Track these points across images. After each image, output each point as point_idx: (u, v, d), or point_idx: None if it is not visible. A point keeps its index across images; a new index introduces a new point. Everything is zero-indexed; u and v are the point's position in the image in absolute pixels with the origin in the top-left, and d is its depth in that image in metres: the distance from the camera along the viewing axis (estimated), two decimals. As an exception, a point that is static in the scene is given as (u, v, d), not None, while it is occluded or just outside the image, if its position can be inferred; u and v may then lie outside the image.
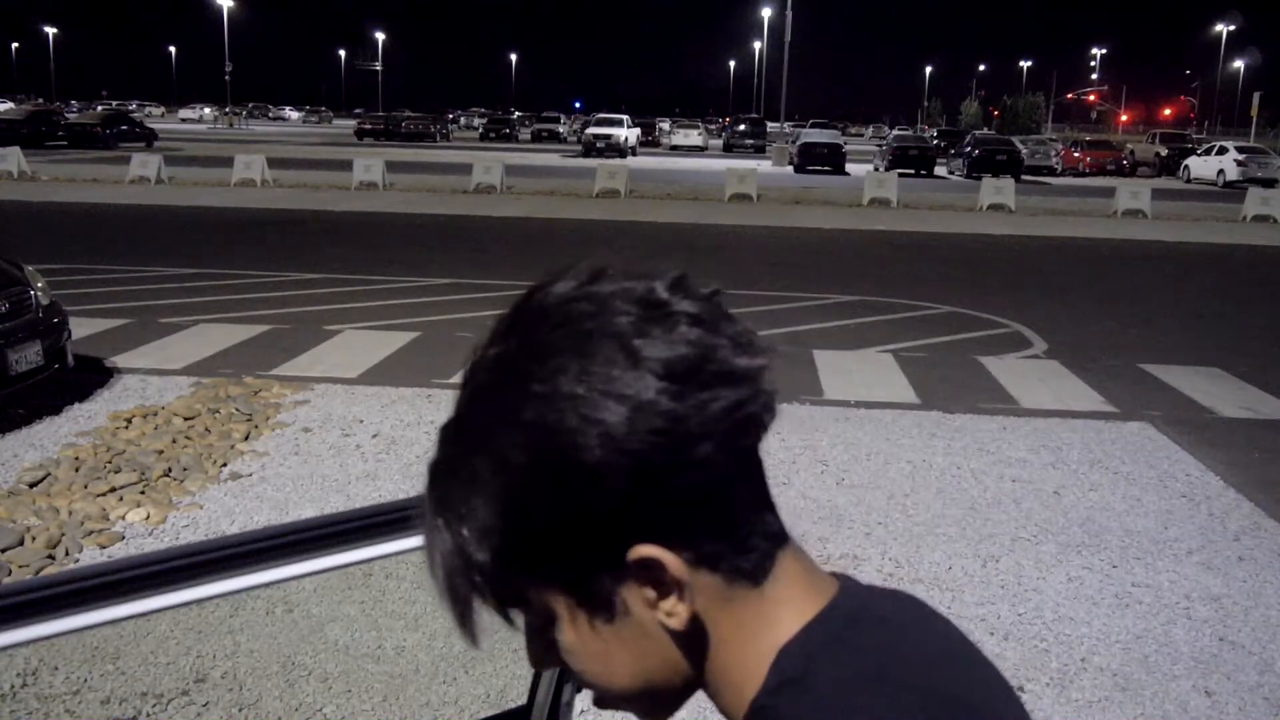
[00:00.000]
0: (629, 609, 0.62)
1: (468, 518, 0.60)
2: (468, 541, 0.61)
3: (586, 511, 0.59)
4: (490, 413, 0.63)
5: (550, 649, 0.66)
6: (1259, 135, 63.01)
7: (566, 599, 0.62)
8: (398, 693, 3.36)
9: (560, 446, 0.58)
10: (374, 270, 12.02)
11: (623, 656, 0.63)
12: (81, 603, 0.80)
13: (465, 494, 0.61)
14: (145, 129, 41.84)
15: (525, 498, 0.59)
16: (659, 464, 0.58)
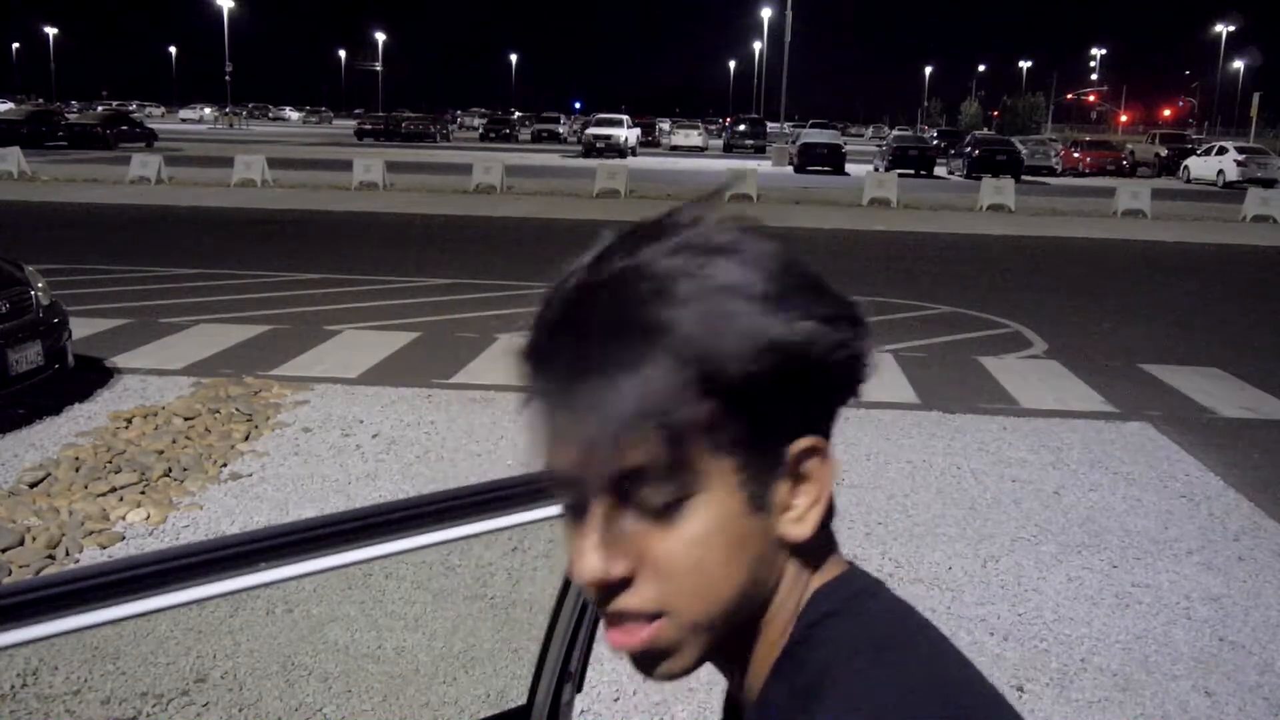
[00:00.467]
0: (768, 507, 0.63)
1: (656, 367, 0.58)
2: (693, 370, 0.58)
3: (784, 383, 0.61)
4: (689, 267, 0.61)
5: (632, 555, 0.61)
6: (1259, 135, 63.00)
7: (733, 474, 0.61)
8: (398, 693, 3.36)
9: (764, 325, 0.60)
10: (374, 270, 12.03)
11: (734, 565, 0.62)
12: (81, 603, 0.80)
13: (651, 346, 0.59)
14: (145, 129, 41.84)
15: (718, 360, 0.59)
16: (826, 363, 0.62)
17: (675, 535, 0.60)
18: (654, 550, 0.60)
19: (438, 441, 5.90)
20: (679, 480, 0.59)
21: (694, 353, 0.58)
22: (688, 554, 0.60)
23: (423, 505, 0.99)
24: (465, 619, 3.89)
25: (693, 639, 0.63)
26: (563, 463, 0.62)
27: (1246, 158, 34.13)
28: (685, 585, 0.61)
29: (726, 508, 0.61)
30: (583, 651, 1.32)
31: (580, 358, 0.60)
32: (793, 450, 0.62)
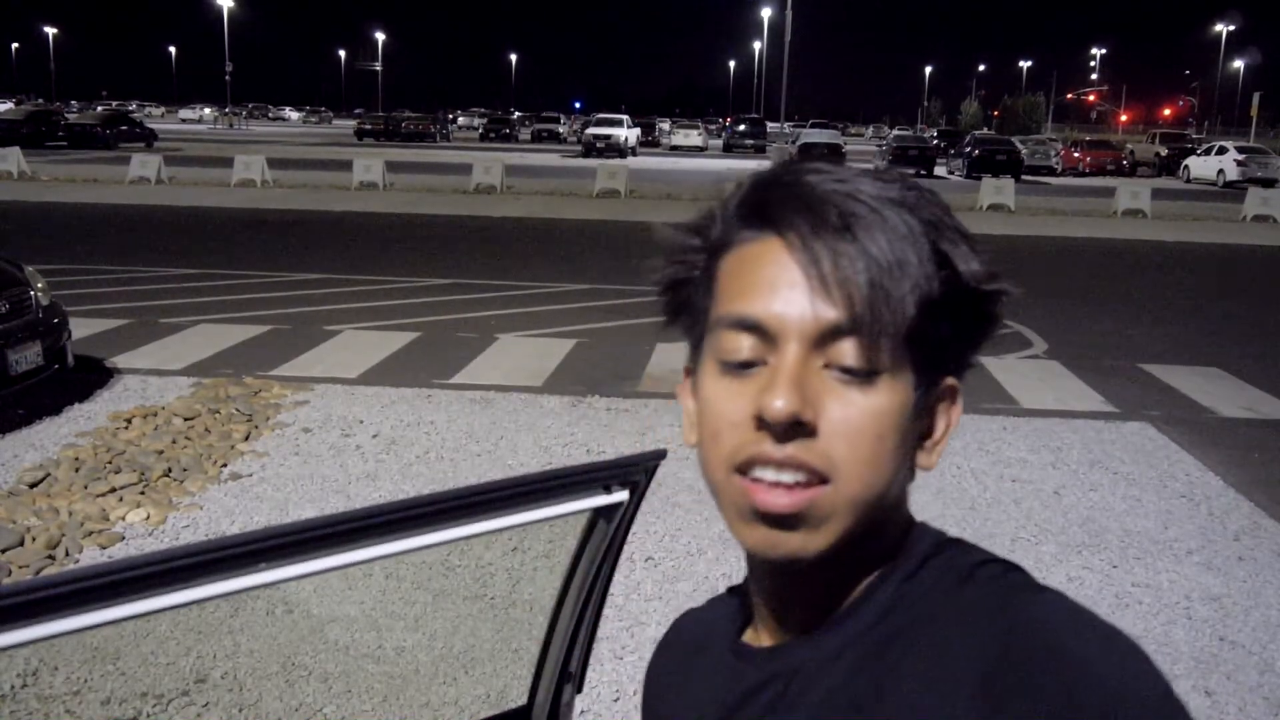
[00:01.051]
0: (916, 423, 0.69)
1: (919, 248, 0.65)
2: (937, 261, 0.66)
3: (966, 324, 0.69)
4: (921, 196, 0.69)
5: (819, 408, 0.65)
6: (1259, 135, 63.00)
7: (911, 374, 0.66)
8: (398, 693, 3.36)
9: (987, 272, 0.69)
10: (374, 270, 12.03)
11: (897, 452, 0.67)
12: (81, 603, 0.80)
13: (914, 233, 0.66)
14: (145, 129, 41.83)
15: (944, 274, 0.66)
16: (988, 307, 0.70)
17: (861, 401, 0.65)
18: (838, 410, 0.65)
19: (438, 441, 5.90)
20: (882, 352, 0.64)
21: (936, 256, 0.66)
22: (868, 422, 0.65)
23: (423, 505, 0.99)
24: (465, 619, 3.89)
25: (841, 518, 0.65)
26: (780, 304, 0.66)
27: (1246, 157, 34.13)
28: (860, 451, 0.65)
29: (902, 402, 0.66)
30: (583, 652, 1.32)
31: (859, 216, 0.65)
32: (944, 383, 0.70)
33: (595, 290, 11.23)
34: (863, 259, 0.64)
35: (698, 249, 0.73)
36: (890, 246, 0.64)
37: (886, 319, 0.64)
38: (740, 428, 0.66)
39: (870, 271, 0.64)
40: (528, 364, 7.76)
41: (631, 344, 8.52)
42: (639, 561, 4.39)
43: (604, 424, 6.32)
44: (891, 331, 0.64)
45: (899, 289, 0.64)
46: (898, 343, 0.64)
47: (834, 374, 0.65)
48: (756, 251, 0.68)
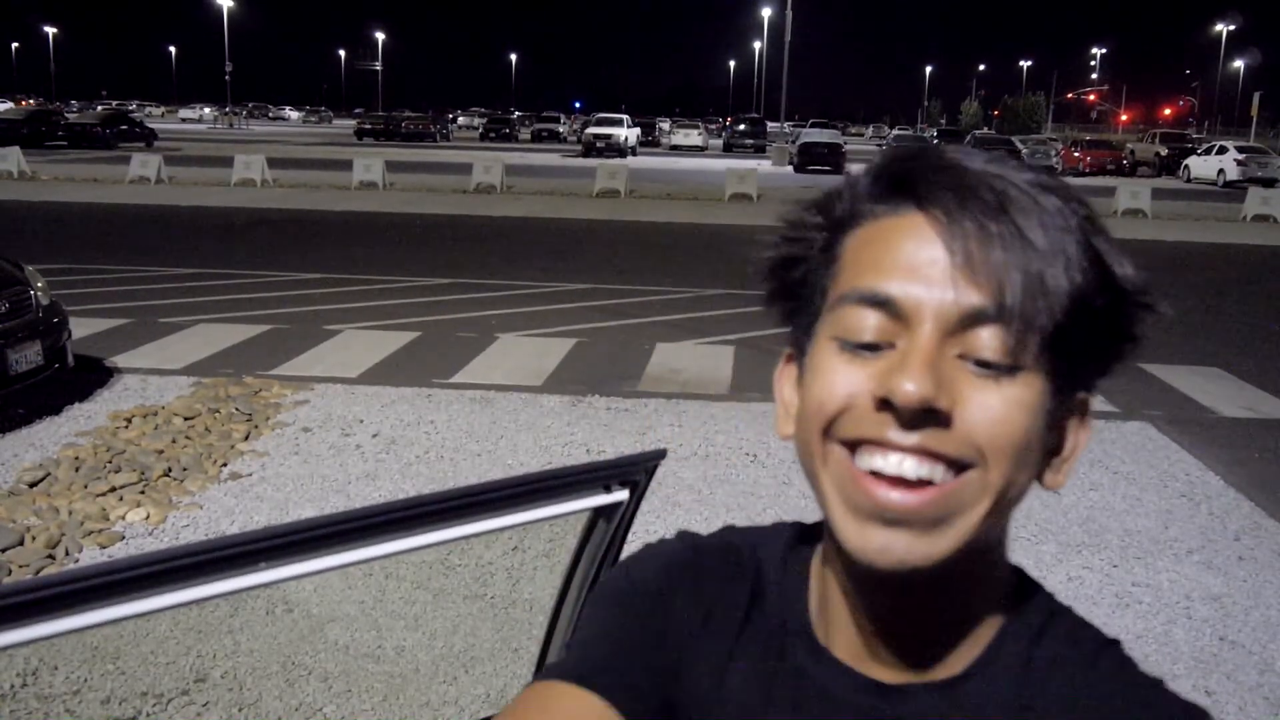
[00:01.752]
0: (1058, 433, 0.64)
1: (1075, 248, 0.60)
2: (1078, 269, 0.60)
3: (1114, 332, 0.63)
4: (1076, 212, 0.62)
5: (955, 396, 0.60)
6: (1259, 135, 63.00)
7: (1049, 379, 0.61)
8: (398, 692, 3.36)
9: (1108, 269, 0.61)
10: (374, 270, 12.02)
11: (1035, 463, 0.62)
12: (81, 602, 0.80)
13: (1070, 231, 0.61)
14: (145, 129, 41.82)
15: (1095, 279, 0.61)
16: (1130, 320, 0.63)
17: (1000, 392, 0.59)
18: (975, 398, 0.59)
19: (438, 441, 5.90)
20: (1027, 347, 0.59)
21: (1090, 253, 0.60)
22: (1013, 412, 0.59)
23: (423, 505, 0.99)
24: (465, 618, 3.89)
25: (973, 515, 0.60)
26: (919, 284, 0.60)
27: (1247, 157, 34.11)
28: (1004, 441, 0.59)
29: (1041, 401, 0.61)
30: (583, 651, 1.31)
31: (1013, 198, 0.60)
32: (1077, 397, 0.64)
33: (595, 290, 11.22)
34: (1018, 242, 0.59)
35: (818, 225, 0.67)
36: (1047, 234, 0.59)
37: (1039, 311, 0.58)
38: (858, 409, 0.60)
39: (1025, 257, 0.58)
40: (528, 363, 7.76)
41: (631, 344, 8.52)
42: (639, 561, 4.39)
43: (604, 424, 6.32)
44: (1041, 325, 0.58)
45: (1056, 280, 0.58)
46: (1044, 340, 0.59)
47: (969, 365, 0.59)
48: (893, 225, 0.63)
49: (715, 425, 6.32)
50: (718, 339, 8.84)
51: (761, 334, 9.05)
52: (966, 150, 0.64)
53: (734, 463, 5.66)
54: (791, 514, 5.03)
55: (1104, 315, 0.61)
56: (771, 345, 8.64)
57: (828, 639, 0.69)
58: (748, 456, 5.76)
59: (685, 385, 7.30)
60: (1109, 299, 0.61)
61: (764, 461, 5.69)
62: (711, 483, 5.36)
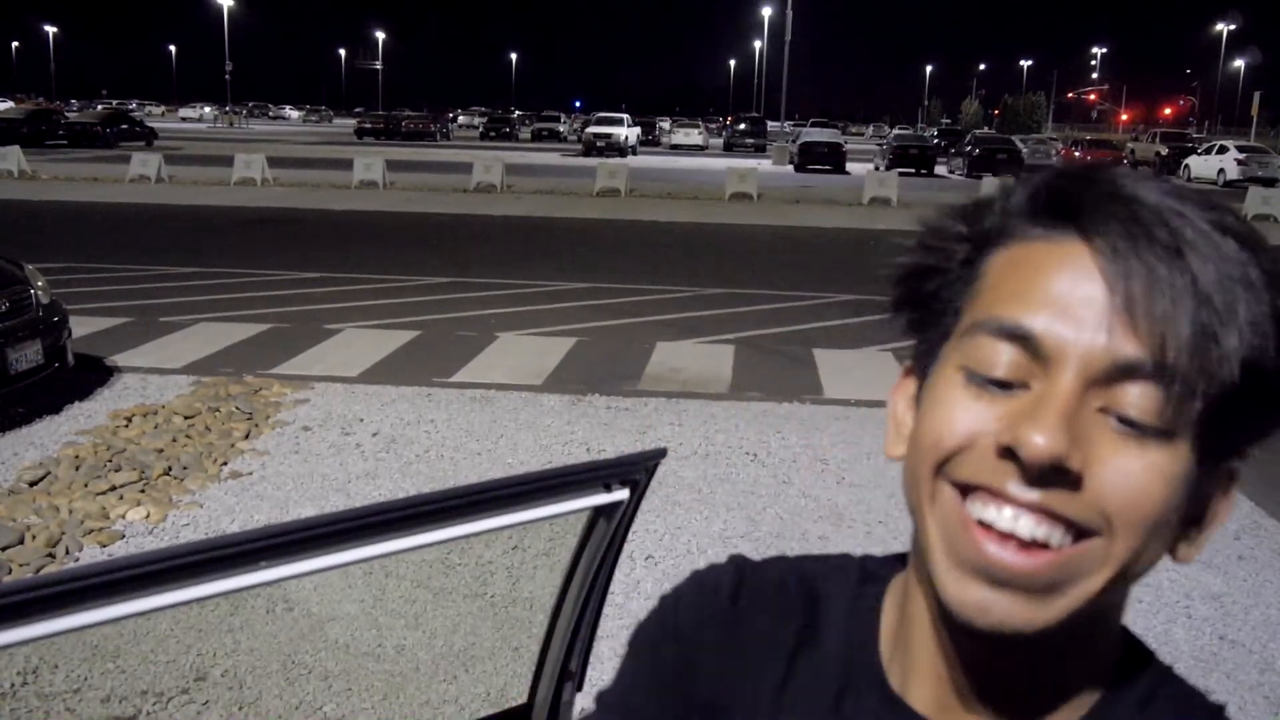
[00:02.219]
0: (1199, 503, 0.57)
1: (1251, 308, 0.52)
2: (1256, 333, 0.52)
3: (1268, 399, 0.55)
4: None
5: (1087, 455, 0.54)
6: (1259, 135, 63.00)
7: (1191, 451, 0.54)
8: (398, 692, 3.36)
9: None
10: (374, 269, 12.02)
11: (1164, 539, 0.55)
12: (81, 602, 0.80)
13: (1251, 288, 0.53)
14: (145, 128, 41.83)
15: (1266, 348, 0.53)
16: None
17: (1143, 460, 0.53)
18: (1112, 461, 0.53)
19: (438, 440, 5.90)
20: (1184, 412, 0.53)
21: (1275, 314, 0.53)
22: (1153, 486, 0.53)
23: (423, 505, 0.99)
24: (465, 617, 3.89)
25: (1090, 584, 0.54)
26: (1068, 324, 0.54)
27: (1247, 156, 34.10)
28: (1141, 512, 0.53)
29: (1187, 471, 0.54)
30: (583, 650, 1.32)
31: (1191, 240, 0.52)
32: (1226, 466, 0.57)
33: (595, 289, 11.22)
34: (1190, 292, 0.51)
35: (960, 236, 0.61)
36: (1224, 286, 0.51)
37: (1204, 374, 0.52)
38: (978, 451, 0.55)
39: (1197, 311, 0.51)
40: (528, 362, 7.76)
41: (631, 343, 8.52)
42: (639, 560, 4.39)
43: (604, 423, 6.32)
44: (1204, 391, 0.52)
45: (1229, 341, 0.51)
46: (1206, 407, 0.52)
47: (1112, 421, 0.53)
48: (1047, 251, 0.56)
49: (715, 425, 6.32)
50: (718, 338, 8.83)
51: (761, 334, 9.06)
52: (1142, 178, 0.56)
53: (734, 462, 5.66)
54: (790, 513, 5.04)
55: (1274, 384, 0.53)
56: (772, 344, 8.64)
57: (904, 688, 0.64)
58: (748, 456, 5.76)
59: (685, 384, 7.30)
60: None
61: (764, 461, 5.69)
62: (711, 482, 5.36)
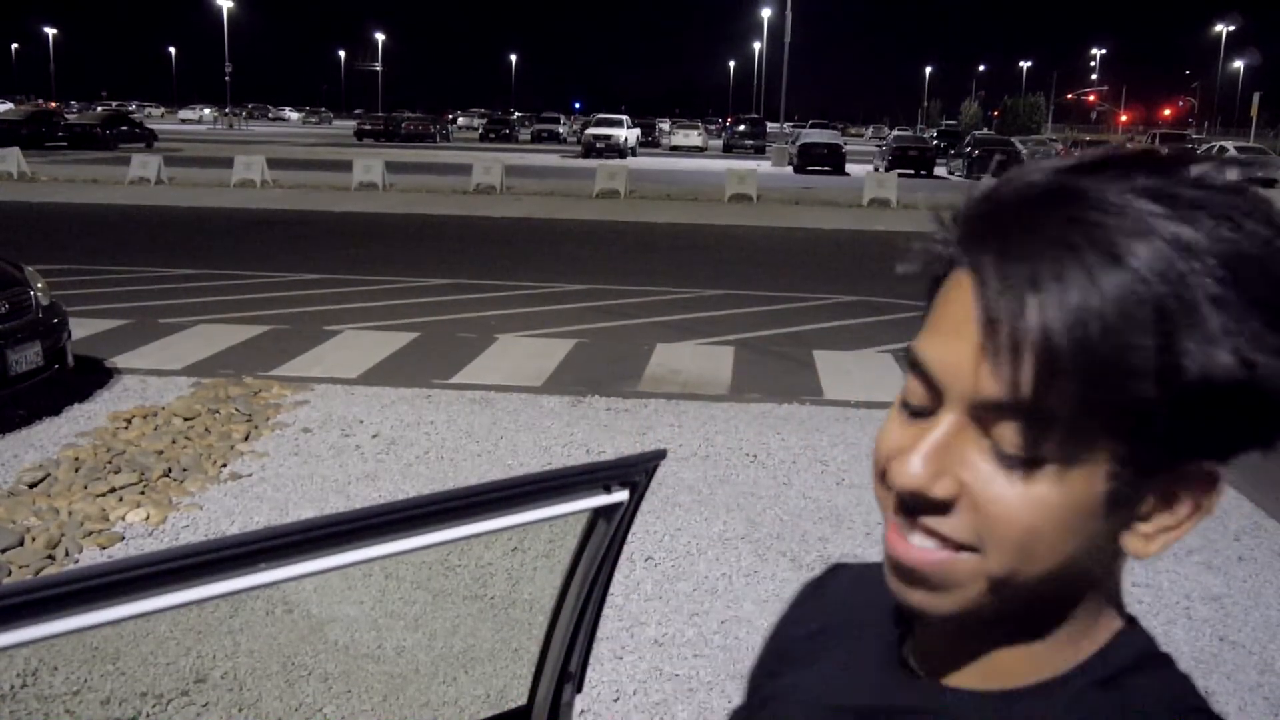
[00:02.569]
0: (1127, 512, 0.56)
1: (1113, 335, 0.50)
2: (1135, 357, 0.50)
3: (1246, 407, 0.51)
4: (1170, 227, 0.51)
5: (957, 481, 0.55)
6: (1259, 135, 63.03)
7: (1108, 463, 0.53)
8: (398, 693, 3.37)
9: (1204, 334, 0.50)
10: (374, 270, 12.03)
11: (1061, 545, 0.55)
12: (81, 603, 0.80)
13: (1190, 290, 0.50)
14: (145, 129, 41.84)
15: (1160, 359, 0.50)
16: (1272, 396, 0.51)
17: (1016, 489, 0.54)
18: (987, 491, 0.54)
19: (438, 441, 5.90)
20: (1051, 442, 0.52)
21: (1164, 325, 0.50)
22: (1022, 513, 0.54)
23: (423, 505, 0.99)
24: (465, 619, 3.89)
25: (976, 592, 0.57)
26: (951, 356, 0.54)
27: (1246, 157, 34.14)
28: (1007, 537, 0.55)
29: (1081, 493, 0.54)
30: (583, 651, 1.32)
31: (1081, 248, 0.51)
32: (1185, 470, 0.55)
33: (595, 290, 11.23)
34: (1056, 314, 0.50)
35: (925, 260, 0.60)
36: (1102, 302, 0.49)
37: (1055, 406, 0.51)
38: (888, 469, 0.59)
39: (1055, 337, 0.50)
40: (527, 364, 7.77)
41: (631, 344, 8.52)
42: (639, 561, 4.39)
43: (604, 424, 6.32)
44: (1063, 420, 0.51)
45: (1083, 367, 0.50)
46: (1075, 434, 0.52)
47: (990, 451, 0.54)
48: (958, 280, 0.56)
49: (715, 425, 6.32)
50: (718, 339, 8.84)
51: (761, 334, 9.06)
52: (1094, 174, 0.53)
53: (734, 463, 5.66)
54: (790, 514, 5.03)
55: (1186, 402, 0.51)
56: (771, 346, 8.64)
57: (912, 651, 0.69)
58: (748, 456, 5.76)
59: (685, 385, 7.30)
60: (1181, 389, 0.50)
61: (764, 461, 5.69)
62: (711, 483, 5.36)
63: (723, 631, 3.87)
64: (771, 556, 4.53)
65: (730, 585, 4.25)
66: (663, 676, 3.55)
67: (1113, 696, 0.59)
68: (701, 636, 3.82)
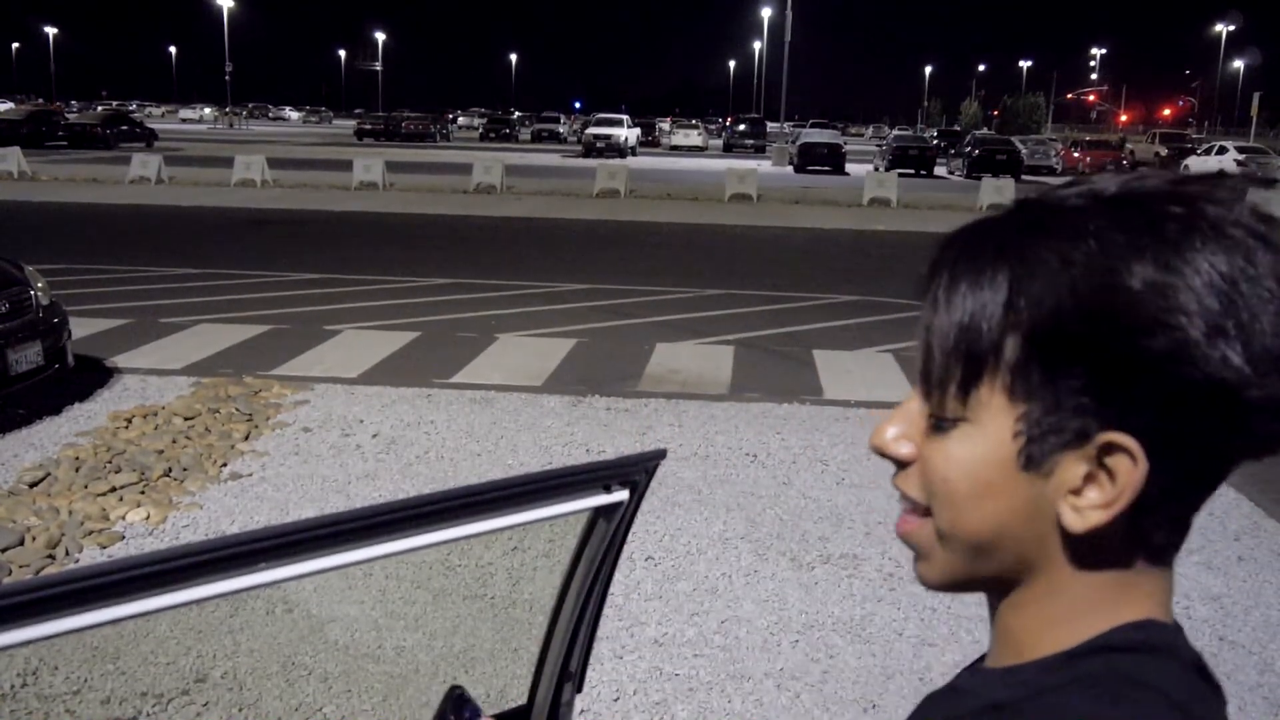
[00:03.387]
0: (1049, 474, 0.59)
1: (1041, 286, 0.57)
2: (1023, 304, 0.58)
3: (1137, 371, 0.55)
4: (1129, 225, 0.57)
5: (915, 444, 0.64)
6: (1259, 135, 63.02)
7: (1015, 423, 0.59)
8: (397, 693, 3.37)
9: (1178, 305, 0.54)
10: (374, 270, 12.03)
11: (997, 506, 0.61)
12: (81, 603, 0.80)
13: (1053, 265, 0.57)
14: (145, 129, 41.83)
15: (1107, 314, 0.55)
16: (1242, 399, 0.55)
17: (940, 447, 0.62)
18: (924, 450, 0.64)
19: (438, 441, 5.90)
20: (959, 401, 0.61)
21: (1036, 299, 0.57)
22: (942, 469, 0.62)
23: (423, 505, 0.99)
24: (465, 619, 3.89)
25: (941, 552, 0.64)
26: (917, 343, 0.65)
27: (1246, 157, 34.12)
28: (941, 493, 0.62)
29: (993, 450, 0.60)
30: (583, 651, 1.32)
31: (951, 261, 0.62)
32: (1099, 439, 0.57)
33: (595, 290, 11.23)
34: (946, 296, 0.61)
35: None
36: (975, 288, 0.60)
37: (937, 370, 0.62)
38: None
39: (941, 315, 0.61)
40: (528, 364, 7.77)
41: (631, 344, 8.52)
42: (639, 561, 4.39)
43: (604, 424, 6.32)
44: (945, 384, 0.61)
45: (965, 336, 0.60)
46: (965, 395, 0.61)
47: (928, 414, 0.64)
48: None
49: (715, 425, 6.32)
50: (718, 339, 8.84)
51: (761, 334, 9.06)
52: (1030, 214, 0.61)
53: (734, 463, 5.66)
54: (790, 513, 5.03)
55: (1094, 361, 0.56)
56: (771, 345, 8.64)
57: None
58: (748, 456, 5.76)
59: (685, 385, 7.30)
60: (1046, 337, 0.57)
61: (764, 461, 5.69)
62: (711, 483, 5.36)
63: (723, 631, 3.87)
64: (771, 556, 4.53)
65: (730, 585, 4.25)
66: (663, 676, 3.55)
67: (1072, 666, 0.61)
68: (701, 636, 3.82)
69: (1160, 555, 0.63)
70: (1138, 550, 0.61)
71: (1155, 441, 0.56)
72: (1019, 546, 0.62)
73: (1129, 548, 0.61)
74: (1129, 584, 0.63)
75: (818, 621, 3.96)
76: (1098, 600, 0.63)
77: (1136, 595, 0.64)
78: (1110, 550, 0.61)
